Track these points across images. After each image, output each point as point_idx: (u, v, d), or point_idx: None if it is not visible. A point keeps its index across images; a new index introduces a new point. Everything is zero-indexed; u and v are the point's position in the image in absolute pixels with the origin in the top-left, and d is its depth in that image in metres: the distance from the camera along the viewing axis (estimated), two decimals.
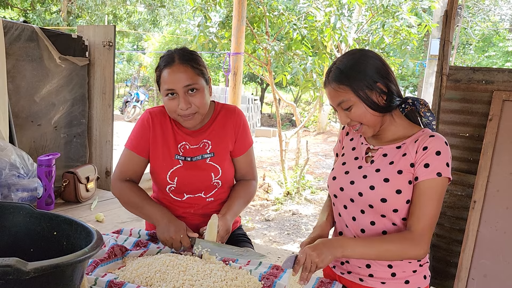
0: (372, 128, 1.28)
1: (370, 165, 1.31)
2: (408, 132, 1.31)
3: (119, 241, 1.47)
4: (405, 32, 5.40)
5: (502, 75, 2.60)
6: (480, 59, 14.55)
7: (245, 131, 1.62)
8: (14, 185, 1.95)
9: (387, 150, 1.30)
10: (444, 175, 1.22)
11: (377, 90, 1.24)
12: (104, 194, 2.35)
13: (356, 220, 1.32)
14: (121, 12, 12.95)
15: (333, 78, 1.26)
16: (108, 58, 2.53)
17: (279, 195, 6.07)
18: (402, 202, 1.25)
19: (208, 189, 1.56)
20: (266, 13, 5.27)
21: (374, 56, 1.28)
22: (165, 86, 1.44)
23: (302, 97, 16.42)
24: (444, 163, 1.22)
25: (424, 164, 1.22)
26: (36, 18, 10.90)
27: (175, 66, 1.43)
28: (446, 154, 1.23)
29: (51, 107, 2.46)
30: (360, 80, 1.23)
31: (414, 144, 1.26)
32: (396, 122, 1.32)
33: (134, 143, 1.56)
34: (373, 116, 1.25)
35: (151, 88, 18.63)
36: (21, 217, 1.10)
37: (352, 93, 1.23)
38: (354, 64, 1.25)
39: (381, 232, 1.29)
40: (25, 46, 2.26)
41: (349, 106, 1.25)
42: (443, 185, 1.23)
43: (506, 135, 2.51)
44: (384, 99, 1.25)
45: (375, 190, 1.26)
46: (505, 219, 2.45)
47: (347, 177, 1.33)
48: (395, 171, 1.25)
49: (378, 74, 1.25)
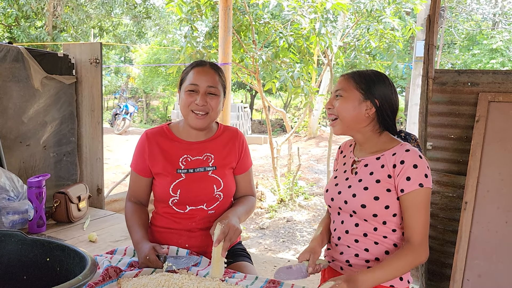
0: (343, 126, 1.43)
1: (355, 176, 1.46)
2: (388, 146, 1.44)
3: (113, 262, 1.46)
4: (390, 36, 5.47)
5: (487, 76, 2.65)
6: (466, 57, 14.76)
7: (247, 152, 1.73)
8: (4, 208, 1.93)
9: (368, 161, 1.45)
10: (425, 185, 1.34)
11: (371, 103, 1.40)
12: (97, 212, 2.34)
13: (343, 223, 1.48)
14: (107, 24, 12.91)
15: (351, 75, 1.45)
16: (96, 75, 2.52)
17: (272, 202, 6.06)
18: (381, 208, 1.38)
19: (210, 201, 1.60)
20: (252, 22, 5.30)
21: (391, 84, 1.45)
22: (189, 81, 1.56)
23: (292, 102, 16.47)
24: (422, 175, 1.34)
25: (406, 178, 1.34)
26: (21, 33, 10.82)
27: (206, 68, 1.59)
28: (423, 166, 1.35)
29: (39, 127, 2.44)
30: (367, 86, 1.40)
31: (391, 157, 1.39)
32: (380, 137, 1.46)
33: (136, 164, 1.67)
34: (351, 117, 1.41)
35: (140, 100, 18.57)
36: (13, 244, 1.09)
37: (354, 89, 1.41)
38: (372, 77, 1.43)
39: (362, 234, 1.44)
40: (11, 67, 2.25)
41: (341, 95, 1.42)
42: (427, 194, 1.35)
43: (493, 135, 2.55)
44: (369, 114, 1.41)
45: (356, 198, 1.41)
46: (497, 219, 2.47)
47: (336, 188, 1.49)
48: (374, 180, 1.40)
49: (382, 96, 1.41)
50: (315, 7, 4.84)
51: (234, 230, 1.42)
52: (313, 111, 11.35)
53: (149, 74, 16.90)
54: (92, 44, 2.54)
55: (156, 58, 16.53)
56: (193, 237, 1.61)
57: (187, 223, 1.61)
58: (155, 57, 16.59)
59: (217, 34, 4.86)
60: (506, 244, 2.43)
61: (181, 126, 1.67)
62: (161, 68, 15.45)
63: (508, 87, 2.56)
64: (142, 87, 17.69)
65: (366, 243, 1.44)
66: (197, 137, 1.65)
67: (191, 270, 1.42)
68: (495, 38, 13.52)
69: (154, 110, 19.51)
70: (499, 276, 2.44)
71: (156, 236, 1.67)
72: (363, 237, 1.44)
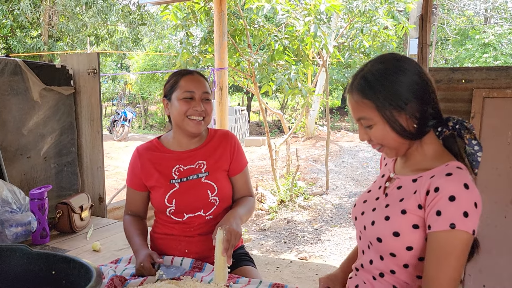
0: (395, 151, 1.10)
1: (384, 198, 1.15)
2: (433, 164, 1.07)
3: (118, 271, 1.48)
4: (383, 35, 5.51)
5: (480, 73, 2.67)
6: (459, 52, 14.82)
7: (240, 151, 1.73)
8: (7, 221, 1.94)
9: (403, 182, 1.12)
10: (459, 227, 0.97)
11: (408, 112, 1.04)
12: (99, 221, 2.35)
13: (364, 253, 1.20)
14: (103, 32, 12.92)
15: (357, 88, 1.08)
16: (94, 85, 2.54)
17: (272, 204, 6.08)
18: (401, 247, 1.06)
19: (207, 207, 1.62)
20: (246, 26, 5.32)
21: (411, 69, 1.06)
22: (184, 89, 1.58)
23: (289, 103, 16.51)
24: (460, 212, 0.97)
25: (436, 211, 1.00)
26: (17, 43, 10.82)
27: (196, 76, 1.63)
28: (465, 200, 0.97)
29: (39, 139, 2.46)
30: (388, 97, 1.04)
31: (428, 180, 1.03)
32: (423, 149, 1.11)
33: (131, 180, 1.71)
34: (395, 141, 1.07)
35: (138, 106, 18.58)
36: (18, 259, 1.10)
37: (376, 111, 1.05)
38: (384, 76, 1.06)
39: (378, 274, 1.14)
40: (10, 80, 2.27)
41: (370, 125, 1.08)
42: (461, 241, 0.98)
43: (489, 131, 2.57)
44: (414, 124, 1.05)
45: (374, 226, 1.12)
46: (495, 214, 2.50)
47: (363, 207, 1.20)
48: (399, 210, 1.08)
49: (411, 93, 1.04)
50: (309, 9, 4.87)
51: (235, 234, 1.44)
52: (310, 112, 11.38)
53: (145, 80, 16.92)
54: (89, 54, 2.57)
55: (152, 64, 16.56)
56: (193, 243, 1.63)
57: (186, 230, 1.63)
58: (152, 63, 16.62)
59: (212, 39, 4.89)
60: (506, 238, 2.46)
61: (170, 137, 1.69)
62: (158, 74, 15.47)
63: (502, 83, 2.59)
64: (139, 92, 17.72)
65: (383, 285, 1.14)
66: (188, 146, 1.66)
67: (196, 277, 1.44)
68: (487, 33, 13.60)
69: (152, 115, 19.52)
70: (500, 270, 2.47)
71: (157, 242, 1.70)
72: (380, 278, 1.15)
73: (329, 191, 6.82)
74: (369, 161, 8.89)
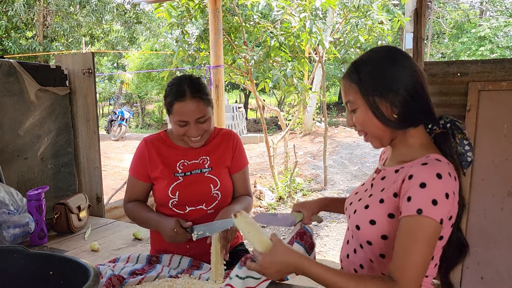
0: (378, 140, 1.13)
1: (370, 188, 1.18)
2: (416, 155, 1.08)
3: (116, 270, 1.48)
4: (379, 30, 5.50)
5: (476, 66, 2.68)
6: (455, 46, 14.84)
7: (241, 150, 1.77)
8: (5, 223, 1.94)
9: (387, 173, 1.14)
10: (425, 213, 0.97)
11: (389, 100, 1.06)
12: (97, 221, 2.35)
13: (349, 243, 1.23)
14: (98, 32, 12.88)
15: (347, 73, 1.13)
16: (89, 85, 2.54)
17: (271, 200, 6.09)
18: (377, 236, 1.08)
19: (209, 200, 1.66)
20: (242, 23, 5.31)
21: (401, 60, 1.09)
22: (177, 117, 1.56)
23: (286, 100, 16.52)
24: (428, 199, 0.97)
25: (407, 197, 1.01)
26: (12, 44, 10.78)
27: (187, 99, 1.53)
28: (435, 189, 0.98)
29: (36, 139, 2.45)
30: (372, 83, 1.07)
31: (408, 170, 1.05)
32: (408, 141, 1.12)
33: (135, 170, 1.72)
34: (377, 128, 1.10)
35: (135, 105, 18.55)
36: (15, 259, 1.10)
37: (360, 95, 1.09)
38: (372, 63, 1.10)
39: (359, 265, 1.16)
40: (5, 82, 2.26)
41: (354, 109, 1.12)
42: (428, 228, 0.97)
43: (485, 124, 2.58)
44: (394, 113, 1.07)
45: (355, 215, 1.15)
46: (492, 207, 2.51)
47: (352, 198, 1.25)
48: (378, 199, 1.10)
49: (396, 83, 1.06)
50: (304, 5, 4.87)
51: (231, 230, 1.47)
52: (307, 108, 11.39)
53: (142, 79, 16.89)
54: (84, 54, 2.56)
55: (148, 63, 16.51)
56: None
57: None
58: (148, 62, 16.58)
59: (208, 37, 4.88)
60: (503, 231, 2.47)
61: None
62: (154, 72, 15.45)
63: (497, 76, 2.59)
64: (136, 92, 17.68)
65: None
66: None
67: (194, 274, 1.44)
68: (483, 26, 13.62)
69: (150, 114, 19.49)
70: (498, 262, 2.48)
71: (157, 238, 1.70)
72: (360, 269, 1.17)
73: (328, 186, 6.84)
74: (366, 156, 8.90)
